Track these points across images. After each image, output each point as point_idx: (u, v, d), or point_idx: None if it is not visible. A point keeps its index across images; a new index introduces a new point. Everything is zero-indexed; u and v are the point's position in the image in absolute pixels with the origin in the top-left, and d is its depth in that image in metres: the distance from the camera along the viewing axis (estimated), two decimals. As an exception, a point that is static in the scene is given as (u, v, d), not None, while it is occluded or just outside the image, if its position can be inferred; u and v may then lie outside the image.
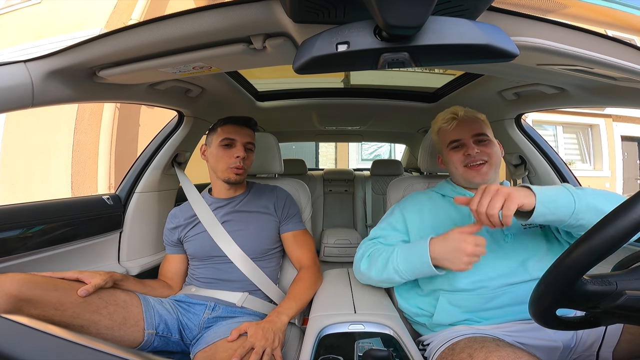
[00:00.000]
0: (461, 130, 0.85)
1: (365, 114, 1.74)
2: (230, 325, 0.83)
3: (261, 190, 1.11)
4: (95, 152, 3.73)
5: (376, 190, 2.50)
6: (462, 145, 0.85)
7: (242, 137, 1.02)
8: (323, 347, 0.69)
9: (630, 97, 0.79)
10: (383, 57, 0.44)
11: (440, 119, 0.90)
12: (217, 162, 1.02)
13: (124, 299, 0.82)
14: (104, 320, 0.75)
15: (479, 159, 0.83)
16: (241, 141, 1.02)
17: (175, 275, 1.06)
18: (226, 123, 1.03)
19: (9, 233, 0.87)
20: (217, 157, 1.01)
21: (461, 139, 0.85)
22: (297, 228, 1.07)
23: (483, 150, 0.83)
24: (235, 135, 1.01)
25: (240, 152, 1.00)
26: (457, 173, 0.88)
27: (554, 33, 0.54)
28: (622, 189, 7.04)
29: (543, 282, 0.45)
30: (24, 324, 0.27)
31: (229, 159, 1.00)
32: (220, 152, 1.01)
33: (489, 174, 0.83)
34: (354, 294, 0.89)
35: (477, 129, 0.85)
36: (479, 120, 0.87)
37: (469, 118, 0.86)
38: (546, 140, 1.34)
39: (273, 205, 1.06)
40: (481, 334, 0.70)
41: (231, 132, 1.01)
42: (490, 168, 0.83)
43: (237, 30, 0.59)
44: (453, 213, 0.85)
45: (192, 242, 1.01)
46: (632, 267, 0.47)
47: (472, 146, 0.83)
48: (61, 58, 0.69)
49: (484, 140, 0.84)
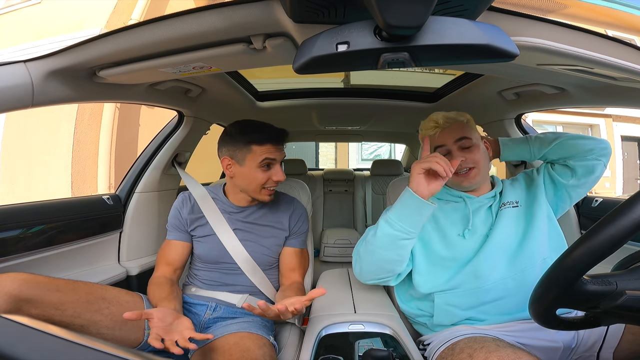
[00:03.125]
0: (444, 137, 0.85)
1: (365, 114, 1.74)
2: (230, 326, 0.83)
3: (279, 201, 1.04)
4: (95, 152, 3.73)
5: (376, 190, 2.50)
6: (447, 152, 0.85)
7: (281, 156, 0.93)
8: (323, 347, 0.69)
9: (630, 97, 0.79)
10: (383, 57, 0.44)
11: (424, 128, 0.90)
12: (250, 183, 0.92)
13: (127, 299, 0.80)
14: (104, 320, 0.74)
15: (465, 167, 0.83)
16: (279, 160, 0.93)
17: (180, 264, 0.97)
18: (264, 142, 0.90)
19: (9, 233, 0.87)
20: (252, 178, 0.91)
21: (445, 145, 0.85)
22: (301, 246, 1.03)
23: (468, 157, 0.83)
24: (276, 156, 0.92)
25: (281, 175, 0.92)
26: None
27: (554, 33, 0.54)
28: (622, 189, 7.04)
29: (543, 282, 0.45)
30: (24, 324, 0.27)
31: (268, 181, 0.91)
32: (259, 173, 0.90)
33: (477, 178, 0.84)
34: (354, 294, 0.89)
35: (459, 132, 0.85)
36: (459, 123, 0.87)
37: (449, 124, 0.86)
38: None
39: (288, 220, 1.01)
40: (481, 334, 0.70)
41: (271, 152, 0.91)
42: (478, 172, 0.84)
43: (237, 30, 0.59)
44: (452, 214, 0.86)
45: (200, 243, 0.97)
46: (632, 267, 0.47)
47: (457, 155, 0.83)
48: (61, 58, 0.69)
49: (467, 145, 0.84)
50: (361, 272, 0.84)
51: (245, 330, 0.80)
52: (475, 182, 0.85)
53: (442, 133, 0.86)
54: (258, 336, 0.79)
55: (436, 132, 0.87)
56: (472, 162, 0.83)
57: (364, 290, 0.92)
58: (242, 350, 0.71)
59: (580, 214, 1.24)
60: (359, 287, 0.94)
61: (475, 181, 0.84)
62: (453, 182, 0.87)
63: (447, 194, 0.89)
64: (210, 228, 0.96)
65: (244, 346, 0.73)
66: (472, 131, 0.87)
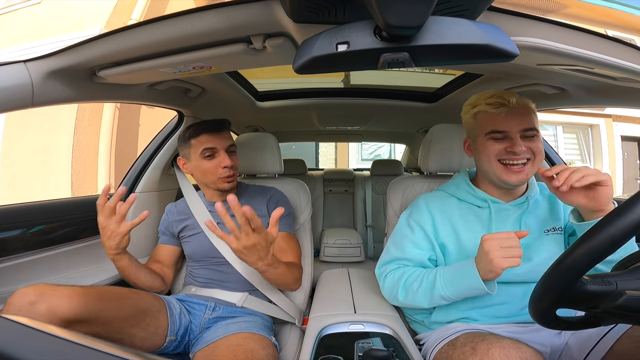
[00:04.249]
0: (509, 122, 0.72)
1: (365, 114, 1.74)
2: (231, 326, 0.83)
3: (254, 192, 1.07)
4: (95, 152, 3.73)
5: (376, 190, 2.50)
6: (505, 138, 0.73)
7: (222, 143, 0.95)
8: (323, 347, 0.69)
9: (630, 97, 0.79)
10: (383, 57, 0.44)
11: (484, 101, 0.75)
12: (204, 175, 0.96)
13: (158, 307, 0.82)
14: (140, 333, 0.75)
15: (523, 158, 0.72)
16: (222, 148, 0.95)
17: (168, 263, 1.02)
18: (198, 134, 0.95)
19: (9, 233, 0.87)
20: (202, 170, 0.96)
21: (507, 131, 0.72)
22: (287, 229, 1.02)
23: (529, 146, 0.72)
24: (215, 144, 0.94)
25: (226, 160, 0.94)
26: (489, 167, 0.76)
27: (554, 33, 0.54)
28: (622, 189, 7.04)
29: (543, 282, 0.45)
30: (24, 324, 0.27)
31: (216, 169, 0.94)
32: (204, 164, 0.94)
33: (530, 174, 0.73)
34: (354, 294, 0.89)
35: (528, 122, 0.72)
36: (530, 111, 0.74)
37: (521, 107, 0.73)
38: (546, 140, 1.34)
39: (266, 206, 1.03)
40: (479, 330, 0.71)
41: (209, 141, 0.94)
42: (532, 167, 0.73)
43: (237, 30, 0.59)
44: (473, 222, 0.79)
45: (189, 242, 1.01)
46: (632, 267, 0.47)
47: (519, 142, 0.71)
48: (61, 58, 0.69)
49: (532, 135, 0.73)
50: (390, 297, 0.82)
51: (248, 331, 0.80)
52: (525, 179, 0.74)
53: (509, 116, 0.72)
54: (261, 336, 0.79)
55: (501, 111, 0.72)
56: (531, 152, 0.72)
57: (364, 290, 0.92)
58: (246, 351, 0.71)
59: (580, 214, 1.24)
60: (359, 287, 0.94)
61: (526, 178, 0.73)
62: (495, 172, 0.74)
63: (470, 195, 0.81)
64: (198, 226, 0.99)
65: (247, 347, 0.73)
66: (538, 122, 0.76)
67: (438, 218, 0.81)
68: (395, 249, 0.83)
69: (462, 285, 0.68)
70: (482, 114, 0.76)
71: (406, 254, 0.81)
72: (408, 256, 0.80)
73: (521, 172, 0.72)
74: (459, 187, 0.84)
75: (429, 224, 0.81)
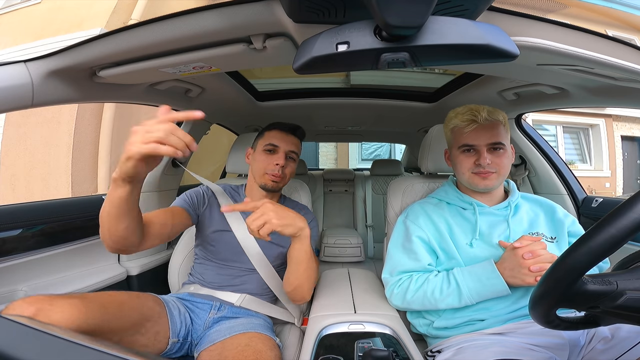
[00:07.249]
0: (477, 136, 0.79)
1: (365, 114, 1.74)
2: (233, 325, 0.83)
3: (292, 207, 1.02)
4: (95, 152, 3.73)
5: (376, 190, 2.50)
6: (474, 151, 0.81)
7: (286, 145, 0.98)
8: (323, 347, 0.69)
9: (630, 97, 0.79)
10: (383, 57, 0.44)
11: (458, 117, 0.82)
12: (257, 167, 0.98)
13: (158, 311, 0.80)
14: (142, 339, 0.74)
15: (488, 170, 0.79)
16: (284, 149, 0.98)
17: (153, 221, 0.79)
18: (273, 128, 1.00)
19: (9, 233, 0.87)
20: (258, 161, 0.98)
21: (475, 145, 0.80)
22: None
23: (494, 161, 0.79)
24: (280, 142, 0.98)
25: (281, 159, 0.96)
26: (462, 177, 0.85)
27: (554, 33, 0.54)
28: (622, 189, 7.04)
29: (543, 282, 0.45)
30: (24, 324, 0.27)
31: (269, 165, 0.96)
32: (262, 156, 0.98)
33: (495, 183, 0.81)
34: (354, 294, 0.89)
35: (495, 136, 0.79)
36: (498, 125, 0.80)
37: (489, 123, 0.79)
38: (546, 140, 1.34)
39: None
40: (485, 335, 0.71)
41: (276, 138, 0.98)
42: (497, 178, 0.80)
43: (237, 30, 0.59)
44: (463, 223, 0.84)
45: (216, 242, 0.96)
46: (632, 267, 0.47)
47: (485, 156, 0.78)
48: (61, 58, 0.70)
49: (498, 149, 0.80)
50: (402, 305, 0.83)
51: (253, 330, 0.81)
52: (491, 186, 0.81)
53: (477, 131, 0.79)
54: (267, 337, 0.80)
55: (471, 127, 0.79)
56: (496, 166, 0.79)
57: (364, 290, 0.92)
58: (255, 352, 0.71)
59: (580, 214, 1.24)
60: (359, 287, 0.94)
61: (491, 185, 0.81)
62: (469, 181, 0.83)
63: (458, 199, 0.87)
64: (227, 223, 0.97)
65: (256, 347, 0.73)
66: (506, 135, 0.82)
67: (435, 220, 0.85)
68: (401, 256, 0.85)
69: (486, 291, 0.72)
70: (456, 128, 0.83)
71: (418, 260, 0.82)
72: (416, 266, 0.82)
73: (487, 177, 0.80)
74: (448, 193, 0.91)
75: (427, 228, 0.85)
